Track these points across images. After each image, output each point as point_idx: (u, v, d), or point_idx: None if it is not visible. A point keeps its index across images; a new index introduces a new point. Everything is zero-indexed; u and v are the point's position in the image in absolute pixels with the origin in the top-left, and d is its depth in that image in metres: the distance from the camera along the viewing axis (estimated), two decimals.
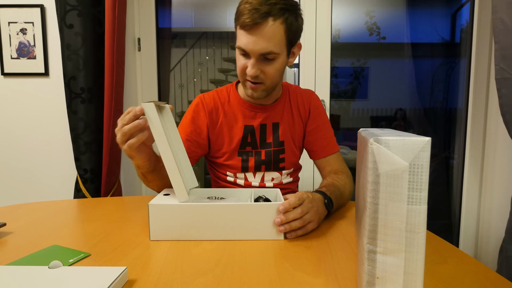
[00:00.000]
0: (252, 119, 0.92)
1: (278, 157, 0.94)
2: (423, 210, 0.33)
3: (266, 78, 0.81)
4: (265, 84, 0.82)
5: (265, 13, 0.72)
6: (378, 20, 1.77)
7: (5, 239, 0.61)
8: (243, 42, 0.76)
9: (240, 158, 0.92)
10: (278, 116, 0.94)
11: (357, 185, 0.55)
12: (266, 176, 0.94)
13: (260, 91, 0.83)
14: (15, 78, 1.45)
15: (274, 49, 0.76)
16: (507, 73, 0.96)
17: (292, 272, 0.48)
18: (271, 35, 0.75)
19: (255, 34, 0.74)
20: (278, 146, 0.93)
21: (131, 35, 1.54)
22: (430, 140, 0.32)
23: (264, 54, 0.76)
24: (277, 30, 0.75)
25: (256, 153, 0.92)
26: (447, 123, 1.78)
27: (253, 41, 0.75)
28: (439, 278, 0.46)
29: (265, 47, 0.75)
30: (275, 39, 0.75)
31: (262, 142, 0.93)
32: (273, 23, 0.74)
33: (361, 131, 0.51)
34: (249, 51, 0.77)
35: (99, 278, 0.41)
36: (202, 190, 0.74)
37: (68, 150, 1.43)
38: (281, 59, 0.80)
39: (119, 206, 0.84)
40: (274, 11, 0.73)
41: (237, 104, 0.93)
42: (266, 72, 0.80)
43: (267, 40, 0.75)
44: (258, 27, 0.73)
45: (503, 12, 0.95)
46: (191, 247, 0.57)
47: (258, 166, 0.93)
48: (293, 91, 0.98)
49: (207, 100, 0.93)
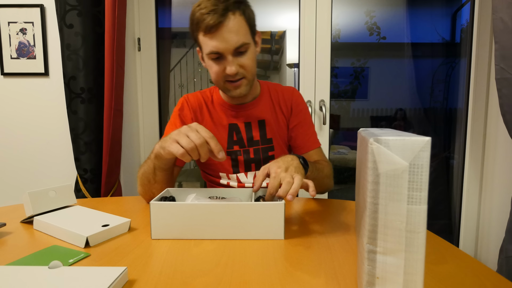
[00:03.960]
0: (235, 118, 0.94)
1: (267, 154, 0.94)
2: (423, 210, 0.33)
3: (246, 71, 0.83)
4: (247, 77, 0.84)
5: (224, 10, 0.75)
6: (378, 20, 1.77)
7: (5, 239, 0.61)
8: (213, 45, 0.78)
9: (229, 157, 0.94)
10: (262, 113, 0.95)
11: (357, 185, 0.55)
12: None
13: (244, 86, 0.85)
14: (15, 78, 1.45)
15: (245, 40, 0.79)
16: (507, 73, 0.96)
17: (292, 272, 0.48)
18: (237, 28, 0.77)
19: (223, 32, 0.76)
20: (266, 144, 0.95)
21: (131, 35, 1.54)
22: (430, 140, 0.32)
23: (237, 47, 0.78)
24: (239, 22, 0.77)
25: (244, 152, 0.94)
26: (447, 123, 1.78)
27: (224, 39, 0.76)
28: (439, 278, 0.46)
29: (237, 40, 0.77)
30: (241, 31, 0.78)
31: (249, 140, 0.94)
32: (234, 17, 0.76)
33: (361, 131, 0.51)
34: (223, 50, 0.78)
35: (99, 278, 0.41)
36: (203, 190, 0.75)
37: (68, 150, 1.43)
38: (252, 49, 0.83)
39: (119, 206, 0.84)
40: (230, 6, 0.76)
41: (219, 105, 0.95)
42: (244, 65, 0.82)
43: (235, 33, 0.77)
44: (223, 25, 0.75)
45: (503, 12, 0.95)
46: (191, 247, 0.57)
47: (248, 165, 0.94)
48: (274, 89, 0.99)
49: (191, 99, 0.96)
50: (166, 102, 1.72)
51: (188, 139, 0.63)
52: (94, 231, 0.58)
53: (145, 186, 0.81)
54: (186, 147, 0.63)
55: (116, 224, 0.63)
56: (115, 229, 0.62)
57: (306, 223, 0.70)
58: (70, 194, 0.75)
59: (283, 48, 1.94)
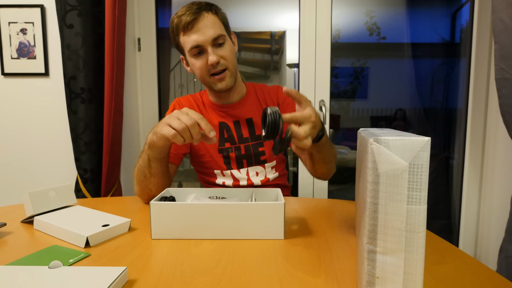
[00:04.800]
0: (224, 118, 0.98)
1: (258, 150, 0.98)
2: (422, 210, 0.33)
3: (227, 61, 0.89)
4: (229, 68, 0.90)
5: (198, 9, 0.85)
6: (378, 20, 1.77)
7: (5, 239, 0.61)
8: (193, 39, 0.85)
9: (221, 155, 0.97)
10: (249, 112, 0.99)
11: (357, 185, 0.55)
12: (250, 172, 0.98)
13: (228, 78, 0.90)
14: (15, 78, 1.45)
15: (220, 32, 0.86)
16: (507, 73, 0.96)
17: (292, 272, 0.48)
18: (211, 22, 0.85)
19: (200, 27, 0.84)
20: (256, 140, 0.98)
21: (131, 35, 1.54)
22: (430, 140, 0.32)
23: (215, 38, 0.85)
24: (213, 18, 0.86)
25: (235, 149, 0.97)
26: (447, 123, 1.78)
27: (202, 32, 0.84)
28: (439, 278, 0.46)
29: (214, 32, 0.85)
30: (216, 25, 0.86)
31: (240, 138, 0.97)
32: (207, 15, 0.85)
33: (361, 131, 0.51)
34: (202, 42, 0.85)
35: (99, 278, 0.42)
36: (203, 190, 0.75)
37: (68, 150, 1.43)
38: (229, 42, 0.90)
39: (119, 206, 0.84)
40: (203, 7, 0.86)
41: (209, 106, 1.01)
42: (225, 56, 0.88)
43: (211, 26, 0.85)
44: (199, 20, 0.84)
45: (503, 12, 0.95)
46: (191, 247, 0.57)
47: (240, 161, 0.97)
48: (260, 88, 1.04)
49: (182, 101, 1.02)
50: (166, 102, 1.72)
51: (179, 121, 0.65)
52: (94, 231, 0.58)
53: (141, 183, 0.82)
54: (177, 128, 0.65)
55: (116, 224, 0.63)
56: (115, 229, 0.62)
57: (306, 223, 0.70)
58: (70, 194, 0.76)
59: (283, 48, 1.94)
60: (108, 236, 0.61)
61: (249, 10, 1.73)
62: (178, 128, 0.64)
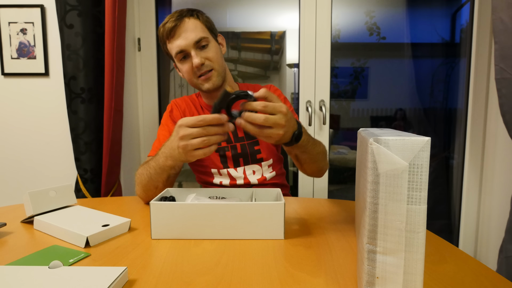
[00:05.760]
0: None
1: (254, 148, 0.99)
2: (422, 210, 0.33)
3: (213, 62, 0.91)
4: (215, 68, 0.92)
5: (179, 16, 0.89)
6: (378, 20, 1.76)
7: (5, 239, 0.61)
8: (177, 44, 0.89)
9: (218, 154, 0.99)
10: None
11: (357, 185, 0.55)
12: (247, 170, 0.99)
13: (215, 77, 0.92)
14: (15, 78, 1.45)
15: (202, 34, 0.89)
16: (507, 73, 0.96)
17: (292, 272, 0.48)
18: (193, 27, 0.89)
19: (182, 31, 0.88)
20: (251, 139, 1.00)
21: (131, 35, 1.54)
22: (430, 140, 0.32)
23: (197, 41, 0.88)
24: (194, 22, 0.90)
25: (232, 148, 0.98)
26: (447, 123, 1.78)
27: (183, 37, 0.88)
28: (439, 278, 0.46)
29: (195, 35, 0.88)
30: (198, 28, 0.89)
31: (235, 137, 0.99)
32: (189, 20, 0.89)
33: (361, 131, 0.51)
34: (185, 46, 0.88)
35: (99, 278, 0.41)
36: (203, 190, 0.75)
37: (68, 150, 1.43)
38: (213, 43, 0.93)
39: (119, 206, 0.84)
40: (184, 13, 0.90)
41: (204, 108, 1.04)
42: (209, 57, 0.90)
43: (192, 31, 0.88)
44: (180, 26, 0.88)
45: (503, 12, 0.95)
46: (191, 247, 0.57)
47: (237, 160, 0.98)
48: (252, 88, 1.06)
49: (179, 102, 1.05)
50: (166, 102, 1.72)
51: (196, 139, 0.62)
52: (94, 231, 0.58)
53: (149, 191, 0.82)
54: (201, 145, 0.62)
55: (116, 224, 0.63)
56: (115, 229, 0.62)
57: (306, 223, 0.70)
58: (70, 194, 0.76)
59: (283, 48, 1.94)
60: (108, 236, 0.61)
61: (249, 10, 1.73)
62: (201, 144, 0.62)
